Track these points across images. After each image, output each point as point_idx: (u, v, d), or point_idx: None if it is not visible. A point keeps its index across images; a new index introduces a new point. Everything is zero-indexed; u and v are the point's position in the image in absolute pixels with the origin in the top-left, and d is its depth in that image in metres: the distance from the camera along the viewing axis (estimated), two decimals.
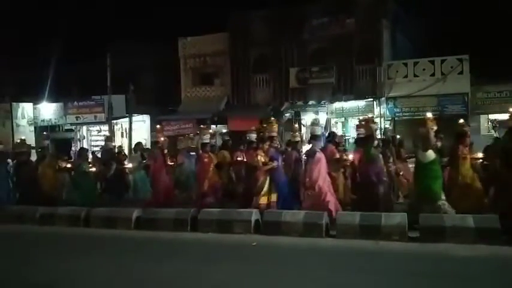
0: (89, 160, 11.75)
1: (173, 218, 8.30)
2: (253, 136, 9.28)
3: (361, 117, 13.41)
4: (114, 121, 22.05)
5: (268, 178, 8.40)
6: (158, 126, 11.38)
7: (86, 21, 26.12)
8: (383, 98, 18.99)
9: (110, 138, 12.57)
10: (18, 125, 23.41)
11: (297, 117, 21.16)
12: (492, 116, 20.21)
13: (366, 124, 8.65)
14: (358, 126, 9.43)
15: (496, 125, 20.77)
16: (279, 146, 9.52)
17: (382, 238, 6.84)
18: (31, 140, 21.96)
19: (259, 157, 8.45)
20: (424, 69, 18.61)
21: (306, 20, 20.41)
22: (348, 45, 19.58)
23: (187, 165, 9.68)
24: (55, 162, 10.55)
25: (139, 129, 22.41)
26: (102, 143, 20.66)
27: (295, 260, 6.22)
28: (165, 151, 9.99)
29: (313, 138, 8.51)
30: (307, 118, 21.64)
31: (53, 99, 23.99)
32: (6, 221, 9.36)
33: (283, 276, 5.53)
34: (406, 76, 18.82)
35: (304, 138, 20.80)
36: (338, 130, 20.44)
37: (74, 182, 10.29)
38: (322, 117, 20.61)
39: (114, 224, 8.59)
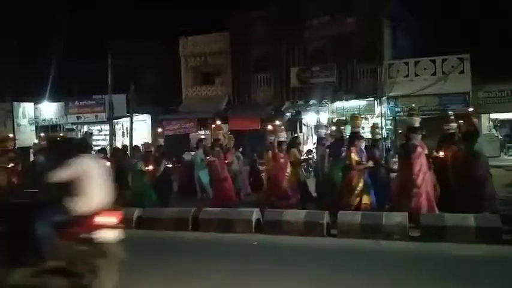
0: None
1: (174, 217, 8.30)
2: (284, 135, 9.06)
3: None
4: (115, 120, 22.07)
5: (362, 178, 7.86)
6: (218, 123, 10.47)
7: (87, 21, 26.09)
8: (384, 98, 18.98)
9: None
10: (19, 125, 23.46)
11: (298, 117, 21.19)
12: (493, 116, 20.24)
13: (468, 119, 8.18)
14: (446, 122, 8.80)
15: (498, 124, 20.83)
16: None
17: (383, 237, 6.84)
18: (32, 140, 22.00)
19: (352, 155, 7.88)
20: (425, 69, 18.59)
21: (306, 19, 20.39)
22: (348, 45, 19.56)
23: (236, 164, 9.51)
24: None
25: (141, 128, 22.46)
26: (104, 143, 20.86)
27: (296, 260, 6.23)
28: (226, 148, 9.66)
29: (412, 131, 7.80)
30: (308, 118, 21.68)
31: (54, 98, 24.03)
32: None
33: (284, 276, 5.53)
34: (407, 75, 18.80)
35: (305, 138, 21.05)
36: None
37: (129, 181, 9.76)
38: (323, 117, 20.64)
39: None
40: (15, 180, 10.24)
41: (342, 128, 9.34)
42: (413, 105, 11.72)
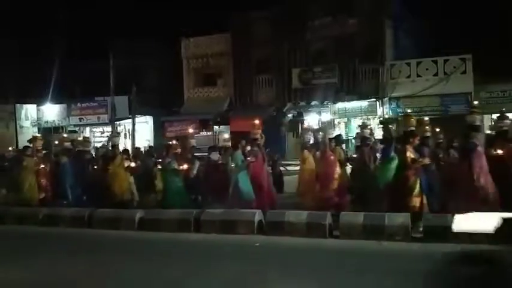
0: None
1: (176, 218, 8.30)
2: (368, 132, 8.77)
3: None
4: (117, 122, 22.13)
5: (418, 177, 7.49)
6: (256, 121, 9.62)
7: (89, 23, 26.16)
8: (386, 98, 18.97)
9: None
10: (21, 127, 23.55)
11: (299, 118, 21.18)
12: (496, 116, 20.15)
13: None
14: (501, 119, 8.49)
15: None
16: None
17: (386, 238, 6.82)
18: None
19: (408, 153, 7.53)
20: (427, 69, 18.58)
21: (308, 20, 20.41)
22: (350, 45, 19.57)
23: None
24: (123, 161, 9.80)
25: (143, 130, 22.49)
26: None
27: (299, 261, 6.21)
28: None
29: (473, 129, 7.54)
30: (309, 118, 21.66)
31: (56, 100, 24.11)
32: (10, 222, 9.40)
33: (287, 277, 5.52)
34: (409, 76, 18.78)
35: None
36: (341, 130, 20.50)
37: (164, 181, 9.36)
38: (325, 118, 20.64)
39: (118, 225, 8.59)
40: (44, 181, 10.29)
41: (390, 126, 9.15)
42: (475, 102, 11.52)
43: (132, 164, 9.96)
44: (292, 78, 20.62)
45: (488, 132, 9.79)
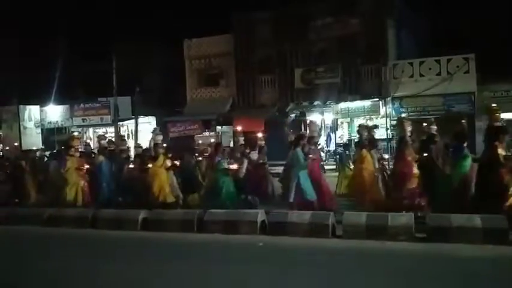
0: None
1: (180, 219, 8.31)
2: (434, 129, 8.44)
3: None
4: (120, 123, 22.17)
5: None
6: (313, 119, 9.47)
7: (91, 24, 26.23)
8: (389, 98, 18.92)
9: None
10: (25, 128, 23.63)
11: (302, 118, 21.15)
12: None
13: None
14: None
15: (504, 123, 20.70)
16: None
17: (389, 238, 6.81)
18: (38, 143, 22.17)
19: (499, 151, 7.07)
20: (430, 69, 18.52)
21: (310, 20, 20.38)
22: (353, 45, 19.54)
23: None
24: (166, 161, 9.47)
25: (145, 130, 22.50)
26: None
27: (302, 261, 6.21)
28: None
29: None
30: (312, 118, 21.64)
31: (60, 101, 24.18)
32: (14, 223, 9.41)
33: (290, 277, 5.53)
34: (411, 76, 18.73)
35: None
36: (344, 130, 20.48)
37: (214, 181, 9.02)
38: (328, 118, 20.61)
39: (121, 225, 8.61)
40: (84, 180, 9.98)
41: (463, 122, 8.76)
42: (493, 105, 10.88)
43: (176, 163, 9.65)
44: (295, 78, 20.59)
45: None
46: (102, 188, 9.90)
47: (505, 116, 20.04)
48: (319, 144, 9.40)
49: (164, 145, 10.00)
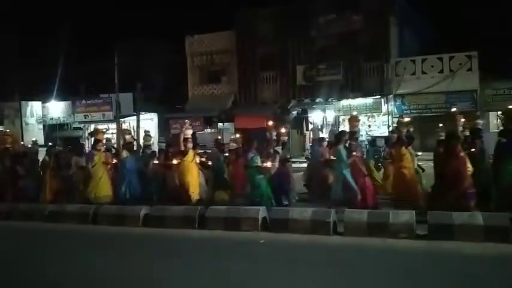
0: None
1: (181, 215, 8.31)
2: (480, 123, 8.18)
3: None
4: (122, 119, 22.17)
5: None
6: (354, 113, 8.93)
7: (94, 20, 26.25)
8: (391, 95, 18.90)
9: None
10: (27, 124, 23.66)
11: (304, 115, 21.16)
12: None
13: None
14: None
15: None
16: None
17: (390, 236, 6.81)
18: (40, 139, 22.19)
19: None
20: (432, 66, 18.49)
21: (313, 17, 20.34)
22: (355, 42, 19.49)
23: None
24: (196, 156, 9.20)
25: (147, 127, 22.52)
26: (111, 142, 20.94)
27: (303, 258, 6.22)
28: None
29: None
30: (314, 116, 21.63)
31: (62, 97, 24.20)
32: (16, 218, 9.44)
33: (291, 274, 5.53)
34: (414, 73, 18.70)
35: (311, 136, 20.99)
36: (346, 128, 20.46)
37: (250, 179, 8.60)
38: (330, 115, 20.59)
39: (123, 221, 8.61)
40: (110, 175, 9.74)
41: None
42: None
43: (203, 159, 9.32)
44: (297, 75, 20.57)
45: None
46: (125, 184, 9.55)
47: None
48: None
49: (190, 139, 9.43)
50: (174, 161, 9.33)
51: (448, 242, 6.44)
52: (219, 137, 10.43)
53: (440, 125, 9.13)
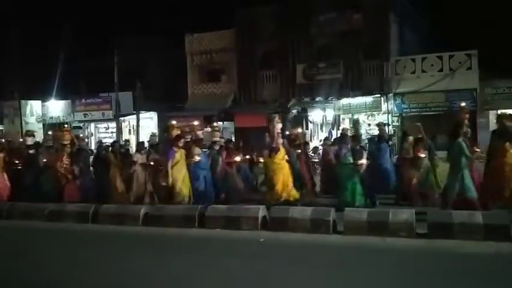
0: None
1: (181, 214, 8.31)
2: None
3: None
4: (122, 118, 22.17)
5: None
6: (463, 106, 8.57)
7: (93, 18, 26.22)
8: (391, 94, 18.88)
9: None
10: (27, 122, 23.64)
11: (304, 114, 21.12)
12: (501, 112, 20.03)
13: None
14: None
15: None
16: None
17: (390, 234, 6.81)
18: (39, 138, 22.15)
19: None
20: (432, 65, 18.47)
21: (313, 15, 20.30)
22: (355, 41, 19.45)
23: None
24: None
25: (147, 126, 22.52)
26: (111, 140, 20.94)
27: (303, 256, 6.22)
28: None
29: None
30: (314, 114, 21.61)
31: (61, 96, 24.18)
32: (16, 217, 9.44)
33: (291, 273, 5.53)
34: (414, 72, 18.68)
35: (311, 135, 21.00)
36: (346, 126, 20.44)
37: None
38: (330, 114, 20.57)
39: (123, 220, 8.61)
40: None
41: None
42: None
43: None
44: (297, 74, 20.52)
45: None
46: (199, 182, 9.11)
47: (508, 112, 20.11)
48: None
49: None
50: (261, 159, 8.82)
51: (448, 240, 6.45)
52: (292, 132, 9.78)
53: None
